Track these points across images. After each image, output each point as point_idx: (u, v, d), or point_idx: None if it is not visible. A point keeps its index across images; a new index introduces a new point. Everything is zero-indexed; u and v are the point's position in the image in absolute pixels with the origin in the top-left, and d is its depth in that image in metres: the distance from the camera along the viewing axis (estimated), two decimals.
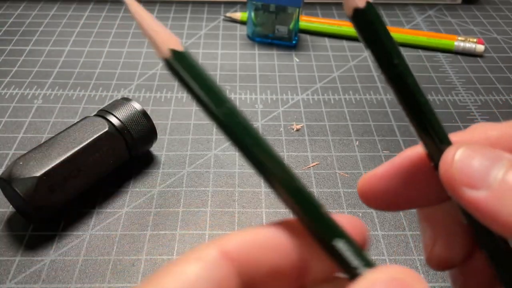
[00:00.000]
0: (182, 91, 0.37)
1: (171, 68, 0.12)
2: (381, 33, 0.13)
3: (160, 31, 0.12)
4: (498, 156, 0.12)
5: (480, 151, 0.12)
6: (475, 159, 0.12)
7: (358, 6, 0.12)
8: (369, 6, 0.12)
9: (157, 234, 0.26)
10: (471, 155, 0.12)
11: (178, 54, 0.12)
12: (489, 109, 0.36)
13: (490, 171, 0.11)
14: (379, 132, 0.33)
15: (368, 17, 0.12)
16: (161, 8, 0.48)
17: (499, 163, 0.11)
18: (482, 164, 0.11)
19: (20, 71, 0.39)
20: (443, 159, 0.12)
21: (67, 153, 0.25)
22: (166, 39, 0.12)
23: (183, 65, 0.12)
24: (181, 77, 0.12)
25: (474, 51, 0.42)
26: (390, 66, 0.13)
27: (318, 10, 0.48)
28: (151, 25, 0.12)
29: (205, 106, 0.12)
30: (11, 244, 0.25)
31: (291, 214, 0.12)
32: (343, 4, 0.13)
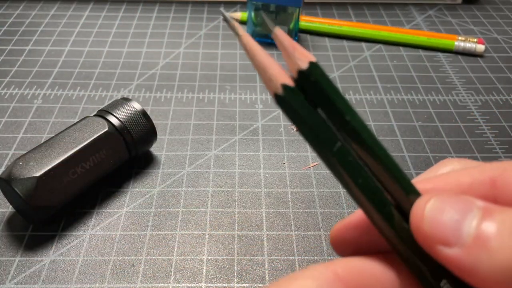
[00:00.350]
0: (182, 91, 0.37)
1: (281, 103, 0.12)
2: (329, 91, 0.12)
3: (272, 66, 0.12)
4: (469, 206, 0.11)
5: (449, 203, 0.11)
6: (445, 214, 0.11)
7: (301, 67, 0.12)
8: (312, 67, 0.12)
9: (157, 234, 0.26)
10: (440, 208, 0.11)
11: (290, 90, 0.12)
12: (489, 109, 0.36)
13: (461, 226, 0.11)
14: (379, 132, 0.33)
15: (313, 78, 0.12)
16: (161, 8, 0.48)
17: (470, 214, 0.11)
18: (452, 218, 0.11)
19: (20, 71, 0.39)
20: (412, 215, 0.12)
21: (67, 153, 0.25)
22: (278, 74, 0.12)
23: (294, 101, 0.12)
24: (291, 113, 0.12)
25: (475, 51, 0.41)
26: (342, 124, 0.12)
27: (318, 10, 0.48)
28: (263, 59, 0.12)
29: (316, 146, 0.12)
30: (11, 244, 0.25)
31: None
32: (287, 66, 0.12)
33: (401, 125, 0.34)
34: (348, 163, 0.12)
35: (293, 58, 0.12)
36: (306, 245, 0.25)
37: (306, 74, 0.12)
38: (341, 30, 0.44)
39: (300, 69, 0.12)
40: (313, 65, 0.12)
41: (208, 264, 0.24)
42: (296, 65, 0.12)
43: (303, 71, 0.12)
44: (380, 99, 0.37)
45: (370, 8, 0.49)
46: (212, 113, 0.35)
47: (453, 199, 0.12)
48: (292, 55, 0.12)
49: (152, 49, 0.42)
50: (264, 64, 0.12)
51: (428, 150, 0.32)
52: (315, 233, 0.26)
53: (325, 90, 0.12)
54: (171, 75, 0.39)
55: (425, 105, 0.36)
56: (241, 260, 0.25)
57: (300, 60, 0.12)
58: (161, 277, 0.24)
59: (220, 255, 0.25)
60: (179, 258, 0.25)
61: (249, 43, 0.12)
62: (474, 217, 0.11)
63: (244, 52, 0.12)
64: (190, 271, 0.24)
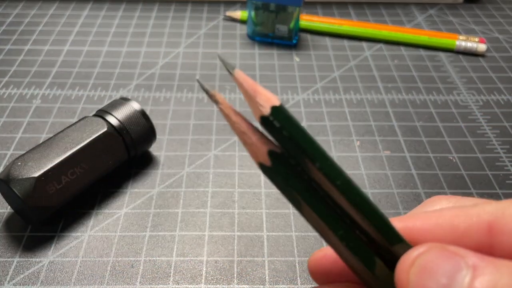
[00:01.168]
0: (181, 91, 0.37)
1: (267, 173, 0.12)
2: (296, 137, 0.11)
3: (252, 136, 0.11)
4: (457, 266, 0.10)
5: (436, 263, 0.11)
6: (431, 279, 0.10)
7: (263, 114, 0.11)
8: (275, 112, 0.11)
9: (156, 235, 0.26)
10: (426, 272, 0.11)
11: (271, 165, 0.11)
12: (490, 109, 0.36)
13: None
14: (380, 132, 0.33)
15: (276, 123, 0.11)
16: (160, 7, 0.48)
17: (459, 275, 0.10)
18: (439, 284, 0.10)
19: (19, 70, 0.38)
20: (397, 275, 0.11)
21: (65, 154, 0.25)
22: (258, 147, 0.11)
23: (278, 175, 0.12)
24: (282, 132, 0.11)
25: (476, 50, 0.41)
26: (313, 169, 0.11)
27: (319, 10, 0.48)
28: (243, 127, 0.11)
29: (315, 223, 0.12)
30: (9, 245, 0.25)
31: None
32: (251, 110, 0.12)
33: (402, 125, 0.34)
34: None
35: (254, 103, 0.11)
36: (306, 246, 0.25)
37: (269, 120, 0.11)
38: (342, 29, 0.44)
39: (262, 115, 0.11)
40: (275, 110, 0.11)
41: (208, 265, 0.24)
42: (258, 111, 0.11)
43: (265, 117, 0.11)
44: (381, 99, 0.36)
45: (371, 8, 0.49)
46: (212, 113, 0.34)
47: (441, 257, 0.11)
48: (253, 100, 0.11)
49: (151, 48, 0.42)
50: (244, 132, 0.11)
51: (429, 150, 0.32)
52: (316, 234, 0.26)
53: (291, 137, 0.11)
54: (171, 75, 0.39)
55: (426, 105, 0.36)
56: (241, 261, 0.24)
57: (262, 105, 0.11)
58: (161, 278, 0.24)
59: (219, 256, 0.25)
60: (178, 259, 0.24)
61: (228, 110, 0.11)
62: (464, 279, 0.10)
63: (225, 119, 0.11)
64: (190, 272, 0.24)
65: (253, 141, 0.11)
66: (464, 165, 0.30)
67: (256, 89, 0.11)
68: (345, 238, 0.11)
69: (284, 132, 0.11)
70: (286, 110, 0.11)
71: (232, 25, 0.46)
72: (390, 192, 0.28)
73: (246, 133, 0.11)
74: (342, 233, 0.11)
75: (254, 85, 0.11)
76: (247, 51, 0.42)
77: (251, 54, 0.41)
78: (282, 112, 0.11)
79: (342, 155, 0.31)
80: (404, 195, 0.28)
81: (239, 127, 0.11)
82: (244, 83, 0.11)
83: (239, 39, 0.43)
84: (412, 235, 0.12)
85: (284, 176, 0.11)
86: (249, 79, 0.11)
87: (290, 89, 0.37)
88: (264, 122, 0.11)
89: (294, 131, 0.11)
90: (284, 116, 0.11)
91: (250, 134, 0.11)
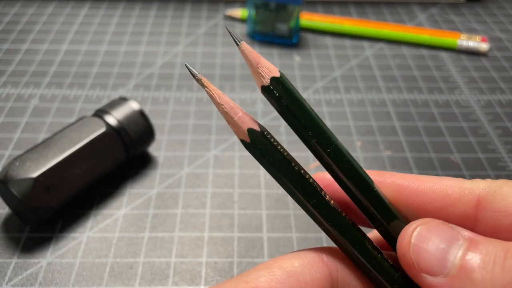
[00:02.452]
0: (180, 91, 0.36)
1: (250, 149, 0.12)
2: (293, 107, 0.12)
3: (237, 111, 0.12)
4: (455, 236, 0.11)
5: (436, 232, 0.12)
6: (431, 242, 0.11)
7: (264, 84, 0.12)
8: (274, 82, 0.12)
9: (155, 236, 0.25)
10: (427, 237, 0.12)
11: (255, 137, 0.12)
12: (492, 109, 0.35)
13: (447, 256, 0.11)
14: (381, 132, 0.33)
15: (276, 93, 0.12)
16: (159, 6, 0.48)
17: (456, 244, 0.11)
18: (438, 247, 0.11)
19: (17, 70, 0.38)
20: (399, 242, 0.12)
21: (64, 154, 0.25)
22: (243, 120, 0.12)
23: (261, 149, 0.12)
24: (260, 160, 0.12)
25: (478, 49, 0.41)
26: (310, 138, 0.12)
27: (319, 8, 0.48)
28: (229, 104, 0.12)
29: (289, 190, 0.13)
30: (8, 246, 0.25)
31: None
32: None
33: (403, 125, 0.33)
34: (326, 210, 0.12)
35: (257, 74, 0.12)
36: (307, 247, 0.25)
37: (270, 89, 0.12)
38: (343, 28, 0.43)
39: (263, 85, 0.12)
40: (274, 80, 0.12)
41: (207, 267, 0.24)
42: (260, 80, 0.12)
43: (266, 86, 0.12)
44: (382, 98, 0.36)
45: (372, 7, 0.49)
46: (211, 113, 0.34)
47: (440, 228, 0.12)
48: (255, 71, 0.12)
49: (150, 48, 0.42)
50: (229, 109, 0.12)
51: (431, 150, 0.31)
52: (316, 235, 0.26)
53: (289, 106, 0.12)
54: (170, 74, 0.38)
55: (427, 104, 0.36)
56: (241, 262, 0.24)
57: (263, 76, 0.12)
58: (160, 280, 0.23)
59: (219, 257, 0.24)
60: (177, 261, 0.24)
61: (213, 92, 0.12)
62: (460, 248, 0.11)
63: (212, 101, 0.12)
64: (189, 274, 0.24)
65: (235, 120, 0.12)
66: (465, 165, 0.30)
67: (258, 60, 0.12)
68: (319, 207, 0.12)
69: (283, 101, 0.12)
70: (285, 81, 0.12)
71: (232, 24, 0.45)
72: None
73: (228, 113, 0.12)
74: (315, 202, 0.13)
75: (258, 57, 0.12)
76: None
77: None
78: (281, 83, 0.12)
79: None
80: None
81: (223, 108, 0.12)
82: (249, 55, 0.12)
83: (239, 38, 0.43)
84: (407, 194, 0.13)
85: (262, 152, 0.12)
86: (254, 51, 0.12)
87: None
88: (265, 91, 0.12)
89: (291, 101, 0.12)
90: (283, 86, 0.12)
91: (232, 114, 0.12)
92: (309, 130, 0.12)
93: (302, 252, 0.13)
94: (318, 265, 0.13)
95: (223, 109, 0.12)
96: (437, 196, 0.13)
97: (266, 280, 0.12)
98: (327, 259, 0.13)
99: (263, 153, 0.12)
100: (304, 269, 0.12)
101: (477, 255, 0.11)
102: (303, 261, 0.12)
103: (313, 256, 0.13)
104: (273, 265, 0.12)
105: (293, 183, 0.12)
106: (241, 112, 0.12)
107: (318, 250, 0.13)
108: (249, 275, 0.12)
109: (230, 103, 0.12)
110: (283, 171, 0.12)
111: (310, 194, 0.12)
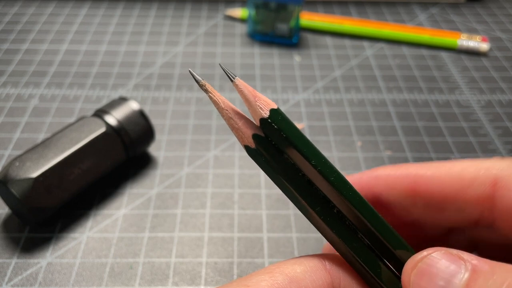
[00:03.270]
0: (180, 91, 0.36)
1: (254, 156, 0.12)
2: (293, 137, 0.12)
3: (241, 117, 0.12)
4: (456, 270, 0.11)
5: (436, 266, 0.11)
6: (431, 282, 0.11)
7: (263, 116, 0.12)
8: (273, 114, 0.12)
9: (155, 237, 0.25)
10: (426, 274, 0.11)
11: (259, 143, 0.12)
12: (492, 109, 0.35)
13: None
14: (381, 132, 0.33)
15: (275, 125, 0.12)
16: (159, 6, 0.48)
17: (455, 279, 0.11)
18: (436, 286, 0.11)
19: (16, 70, 0.38)
20: (402, 277, 0.12)
21: (63, 154, 0.25)
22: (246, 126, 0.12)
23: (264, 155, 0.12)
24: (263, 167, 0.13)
25: (478, 49, 0.41)
26: (309, 167, 0.12)
27: (319, 8, 0.48)
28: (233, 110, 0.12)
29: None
30: (7, 246, 0.25)
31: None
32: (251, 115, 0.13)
33: (403, 125, 0.33)
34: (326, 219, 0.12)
35: (254, 107, 0.12)
36: (307, 248, 0.25)
37: (268, 122, 0.12)
38: (343, 28, 0.43)
39: (262, 118, 0.12)
40: (274, 112, 0.12)
41: (207, 267, 0.24)
42: (258, 113, 0.12)
43: (265, 119, 0.12)
44: (382, 98, 0.36)
45: (372, 7, 0.49)
46: (211, 113, 0.34)
47: (440, 262, 0.11)
48: (253, 104, 0.12)
49: (150, 48, 0.41)
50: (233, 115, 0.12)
51: (431, 150, 0.31)
52: (316, 235, 0.25)
53: (287, 137, 0.12)
54: (170, 74, 0.38)
55: (427, 105, 0.36)
56: (241, 262, 0.24)
57: (261, 108, 0.12)
58: (160, 280, 0.23)
59: (219, 258, 0.24)
60: (177, 261, 0.24)
61: (217, 98, 0.12)
62: (460, 282, 0.11)
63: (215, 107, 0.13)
64: (189, 274, 0.24)
65: (239, 126, 0.12)
66: None
67: (256, 94, 0.12)
68: (323, 214, 0.12)
69: (282, 132, 0.12)
70: (282, 112, 0.12)
71: (232, 24, 0.45)
72: None
73: (233, 119, 0.12)
74: (319, 209, 0.12)
75: (254, 91, 0.12)
76: (247, 50, 0.41)
77: (251, 53, 0.41)
78: (279, 114, 0.12)
79: (343, 155, 0.31)
80: None
81: (227, 113, 0.12)
82: (244, 90, 0.12)
83: (239, 38, 0.43)
84: (425, 183, 0.13)
85: (267, 158, 0.12)
86: (249, 86, 0.12)
87: (290, 89, 0.37)
88: (263, 124, 0.12)
89: (290, 131, 0.12)
90: (281, 117, 0.12)
91: (236, 119, 0.12)
92: (312, 159, 0.12)
93: (305, 258, 0.13)
94: (321, 272, 0.12)
95: (227, 115, 0.12)
96: (453, 179, 0.13)
97: (267, 284, 0.12)
98: (330, 267, 0.13)
99: (267, 160, 0.12)
100: (306, 276, 0.12)
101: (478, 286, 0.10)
102: (306, 268, 0.12)
103: (316, 262, 0.13)
104: (275, 270, 0.12)
105: (298, 190, 0.12)
106: (245, 117, 0.12)
107: (321, 256, 0.13)
108: (250, 278, 0.12)
109: (234, 108, 0.12)
110: (288, 178, 0.12)
111: (315, 201, 0.12)
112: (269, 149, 0.12)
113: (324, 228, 0.13)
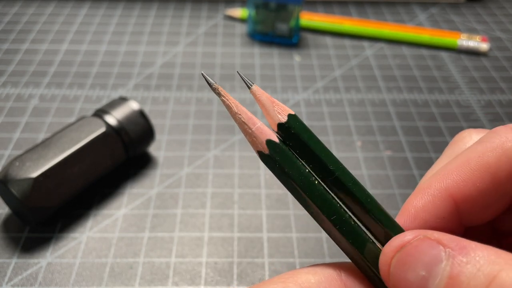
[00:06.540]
0: (180, 91, 0.36)
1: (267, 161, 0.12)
2: (310, 142, 0.12)
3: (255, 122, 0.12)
4: (437, 257, 0.10)
5: (416, 255, 0.11)
6: (411, 270, 0.11)
7: (281, 121, 0.12)
8: (291, 119, 0.12)
9: (155, 237, 0.25)
10: (406, 263, 0.11)
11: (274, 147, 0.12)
12: (492, 109, 0.35)
13: (427, 284, 0.10)
14: (381, 132, 0.33)
15: (293, 130, 0.12)
16: (159, 6, 0.48)
17: (437, 268, 0.10)
18: (418, 276, 0.11)
19: (16, 70, 0.38)
20: (380, 268, 0.12)
21: (63, 154, 0.25)
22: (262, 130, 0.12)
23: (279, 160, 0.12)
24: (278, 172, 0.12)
25: (478, 49, 0.41)
26: (326, 173, 0.12)
27: (319, 8, 0.48)
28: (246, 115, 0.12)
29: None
30: (7, 246, 0.25)
31: None
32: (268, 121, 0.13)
33: (403, 125, 0.33)
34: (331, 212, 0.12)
35: (272, 112, 0.12)
36: (307, 248, 0.25)
37: (286, 127, 0.12)
38: (343, 28, 0.43)
39: (280, 122, 0.12)
40: (292, 117, 0.12)
41: (207, 267, 0.24)
42: (276, 118, 0.12)
43: (283, 124, 0.12)
44: (382, 98, 0.36)
45: (372, 7, 0.49)
46: (211, 113, 0.34)
47: (420, 249, 0.11)
48: (271, 109, 0.12)
49: (150, 47, 0.41)
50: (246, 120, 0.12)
51: (431, 150, 0.31)
52: (317, 235, 0.25)
53: (306, 142, 0.12)
54: (170, 74, 0.38)
55: (427, 104, 0.36)
56: (241, 262, 0.24)
57: (279, 113, 0.12)
58: (160, 280, 0.23)
59: (219, 258, 0.24)
60: (177, 261, 0.24)
61: (230, 102, 0.12)
62: (442, 272, 0.10)
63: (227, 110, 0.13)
64: (189, 274, 0.24)
65: (252, 131, 0.12)
66: None
67: (273, 100, 0.13)
68: (338, 223, 0.12)
69: (299, 137, 0.12)
70: (299, 118, 0.13)
71: (232, 24, 0.45)
72: (391, 192, 0.28)
73: (246, 123, 0.12)
74: (335, 218, 0.12)
75: (271, 97, 0.13)
76: (247, 50, 0.41)
77: (251, 53, 0.41)
78: (297, 119, 0.12)
79: (343, 155, 0.31)
80: (405, 195, 0.28)
81: (240, 118, 0.12)
82: (262, 96, 0.13)
83: (239, 38, 0.43)
84: (454, 189, 0.13)
85: (281, 164, 0.12)
86: (266, 93, 0.13)
87: (290, 89, 0.37)
88: (281, 129, 0.12)
89: (308, 136, 0.12)
90: (299, 123, 0.12)
91: (250, 124, 0.12)
92: (329, 164, 0.12)
93: (319, 267, 0.13)
94: (336, 283, 0.12)
95: (240, 119, 0.12)
96: (482, 175, 0.12)
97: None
98: (345, 277, 0.12)
99: (281, 166, 0.12)
100: (320, 286, 0.12)
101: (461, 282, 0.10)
102: (320, 278, 0.12)
103: (331, 272, 0.12)
104: (288, 279, 0.12)
105: (313, 197, 0.12)
106: (259, 122, 0.12)
107: (336, 266, 0.13)
108: (263, 287, 0.12)
109: (248, 113, 0.12)
110: (302, 185, 0.12)
111: (331, 210, 0.12)
112: (283, 155, 0.12)
113: (339, 238, 0.12)
